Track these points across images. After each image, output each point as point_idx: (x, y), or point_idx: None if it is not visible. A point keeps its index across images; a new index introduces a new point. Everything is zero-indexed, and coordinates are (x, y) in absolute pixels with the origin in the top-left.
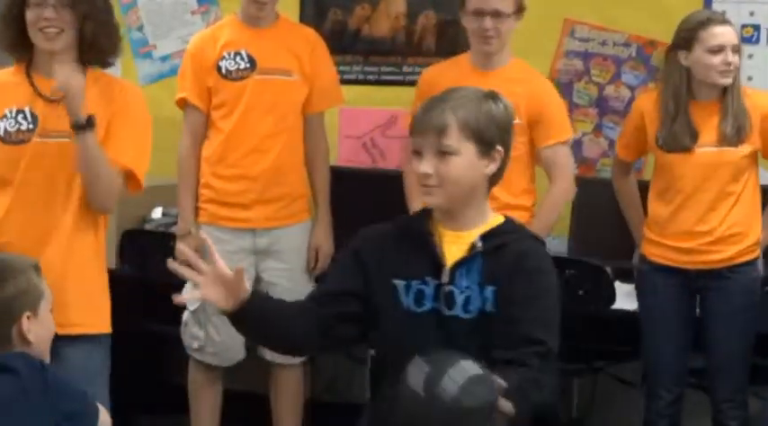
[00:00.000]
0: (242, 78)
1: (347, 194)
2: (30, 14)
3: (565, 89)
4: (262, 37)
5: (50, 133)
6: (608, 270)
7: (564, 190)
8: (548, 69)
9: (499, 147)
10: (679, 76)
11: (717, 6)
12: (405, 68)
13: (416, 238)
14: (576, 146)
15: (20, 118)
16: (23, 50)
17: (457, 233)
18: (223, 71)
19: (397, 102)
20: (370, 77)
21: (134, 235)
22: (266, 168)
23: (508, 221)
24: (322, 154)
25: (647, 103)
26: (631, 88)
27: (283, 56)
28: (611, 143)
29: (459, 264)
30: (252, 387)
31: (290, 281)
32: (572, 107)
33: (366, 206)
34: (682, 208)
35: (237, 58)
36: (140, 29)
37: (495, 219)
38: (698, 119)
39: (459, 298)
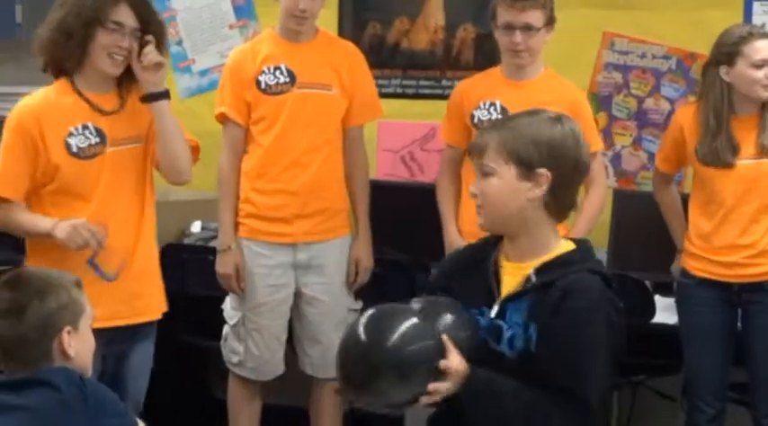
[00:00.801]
0: (281, 92)
1: (385, 208)
2: (104, 38)
3: (604, 102)
4: (301, 51)
5: (120, 142)
6: (647, 283)
7: (601, 197)
8: (587, 82)
9: (542, 170)
10: (720, 92)
11: (757, 19)
12: (443, 82)
13: (479, 266)
14: (616, 159)
15: (87, 133)
16: (76, 68)
17: (517, 264)
18: (262, 85)
19: (436, 115)
20: (409, 91)
21: (173, 248)
22: (306, 182)
23: (574, 251)
24: (361, 167)
25: (686, 117)
26: (671, 101)
27: (323, 70)
28: (651, 156)
29: (511, 298)
30: (291, 401)
31: (329, 296)
32: (611, 120)
33: (404, 219)
34: (724, 221)
35: (277, 73)
36: (179, 43)
37: (559, 249)
38: (738, 133)
39: (506, 334)
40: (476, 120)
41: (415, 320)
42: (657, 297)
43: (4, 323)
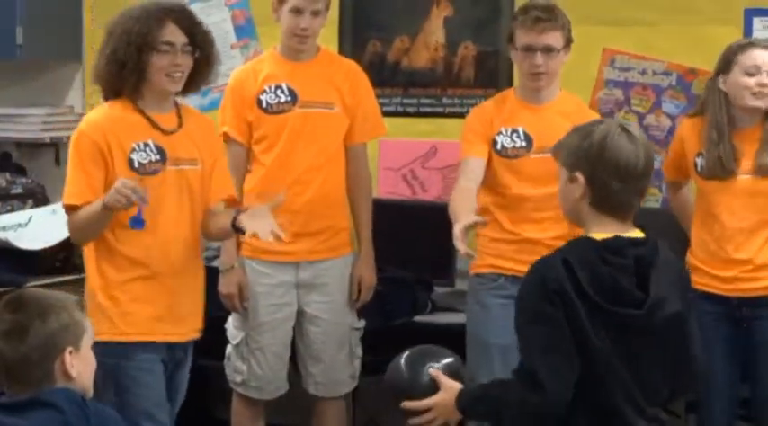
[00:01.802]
0: (283, 112)
1: (387, 226)
2: (160, 61)
3: (607, 115)
4: (302, 70)
5: (179, 162)
6: None
7: None
8: (588, 99)
9: (576, 174)
10: (719, 103)
11: (757, 35)
12: (444, 100)
13: None
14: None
15: (147, 150)
16: (134, 92)
17: None
18: (264, 105)
19: (437, 133)
20: (410, 109)
21: None
22: (308, 201)
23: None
24: (364, 185)
25: (686, 129)
26: (672, 117)
27: (324, 88)
28: (654, 172)
29: None
30: (295, 421)
31: (332, 314)
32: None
33: (406, 237)
34: (721, 235)
35: (278, 92)
36: None
37: None
38: (739, 147)
39: None
40: (499, 147)
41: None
42: None
43: (6, 345)
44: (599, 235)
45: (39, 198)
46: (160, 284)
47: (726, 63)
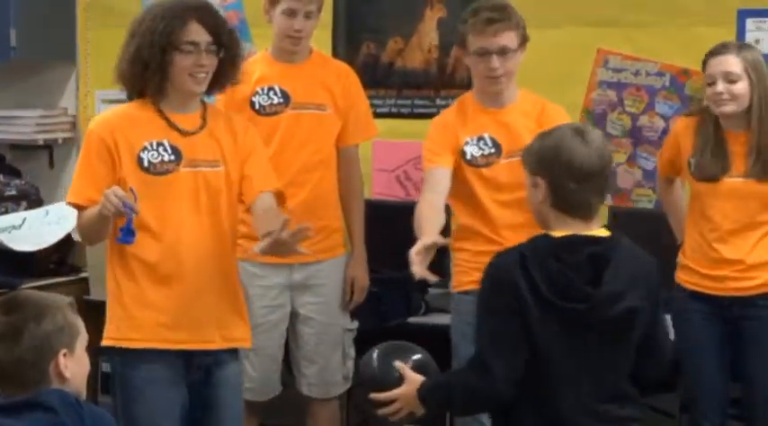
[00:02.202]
0: (276, 113)
1: (380, 227)
2: (183, 61)
3: (598, 120)
4: (295, 72)
5: (196, 163)
6: None
7: None
8: (581, 100)
9: (537, 178)
10: (707, 107)
11: (750, 35)
12: (438, 101)
13: None
14: (611, 176)
15: (160, 150)
16: (157, 93)
17: None
18: (256, 106)
19: None
20: (404, 110)
21: None
22: (301, 202)
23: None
24: (356, 187)
25: (681, 128)
26: (665, 118)
27: (317, 90)
28: (646, 173)
29: None
30: (288, 422)
31: (326, 316)
32: (606, 137)
33: (399, 238)
34: (713, 235)
35: (271, 93)
36: None
37: None
38: (731, 148)
39: None
40: (469, 157)
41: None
42: None
43: (0, 346)
44: (558, 233)
45: (33, 199)
46: (171, 289)
47: (703, 71)
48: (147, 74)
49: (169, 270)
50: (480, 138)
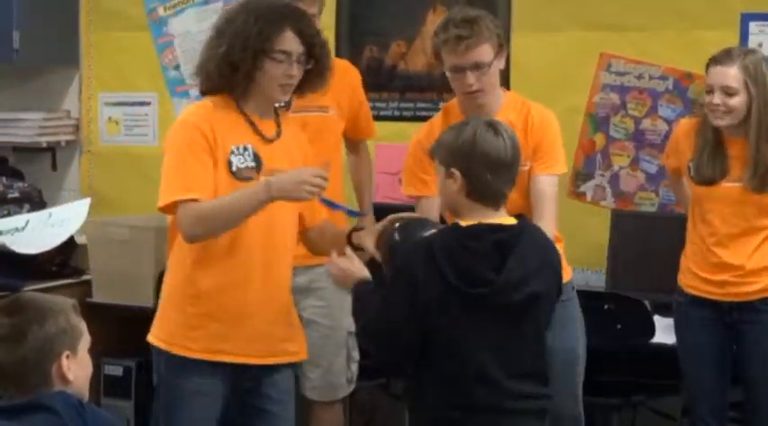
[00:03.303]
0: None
1: None
2: (275, 70)
3: (601, 123)
4: None
5: (273, 172)
6: (646, 303)
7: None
8: (584, 103)
9: (452, 170)
10: (706, 113)
11: (753, 38)
12: (440, 105)
13: None
14: (614, 179)
15: (246, 155)
16: (241, 95)
17: None
18: None
19: None
20: (406, 114)
21: None
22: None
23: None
24: (364, 163)
25: (682, 131)
26: (668, 121)
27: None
28: (649, 176)
29: None
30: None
31: (329, 319)
32: (609, 141)
33: None
34: (713, 239)
35: None
36: (177, 68)
37: None
38: (729, 153)
39: None
40: None
41: None
42: (656, 318)
43: (3, 348)
44: (466, 222)
45: (35, 202)
46: (233, 300)
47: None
48: (235, 77)
49: (235, 280)
50: None
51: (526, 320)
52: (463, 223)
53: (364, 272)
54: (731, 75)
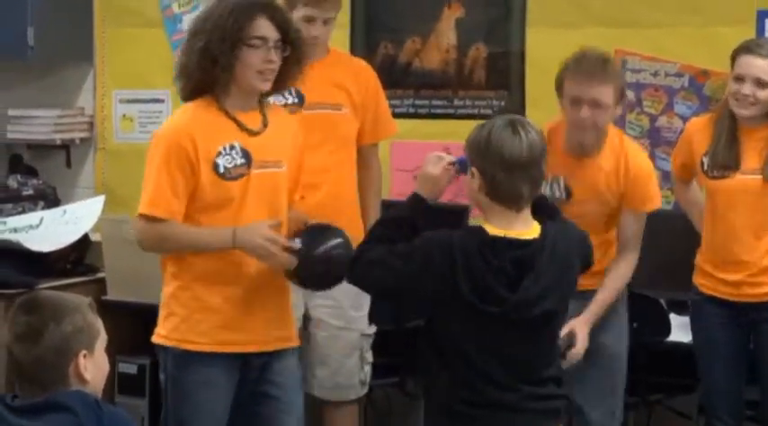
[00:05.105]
0: (291, 113)
1: None
2: (253, 57)
3: (617, 120)
4: (310, 72)
5: (264, 164)
6: (662, 302)
7: (630, 264)
8: None
9: (473, 168)
10: (724, 102)
11: None
12: (455, 101)
13: None
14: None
15: (233, 153)
16: (222, 90)
17: None
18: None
19: (449, 135)
20: (421, 111)
21: None
22: (317, 204)
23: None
24: (373, 184)
25: (695, 128)
26: (684, 118)
27: (332, 90)
28: (664, 174)
29: None
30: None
31: (338, 319)
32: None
33: None
34: (728, 234)
35: (286, 94)
36: None
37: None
38: (745, 145)
39: None
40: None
41: None
42: (672, 316)
43: (20, 347)
44: (492, 228)
45: (50, 199)
46: (232, 291)
47: (731, 62)
48: (216, 70)
49: (234, 272)
50: (555, 180)
51: (539, 333)
52: (489, 229)
53: None
54: (766, 68)
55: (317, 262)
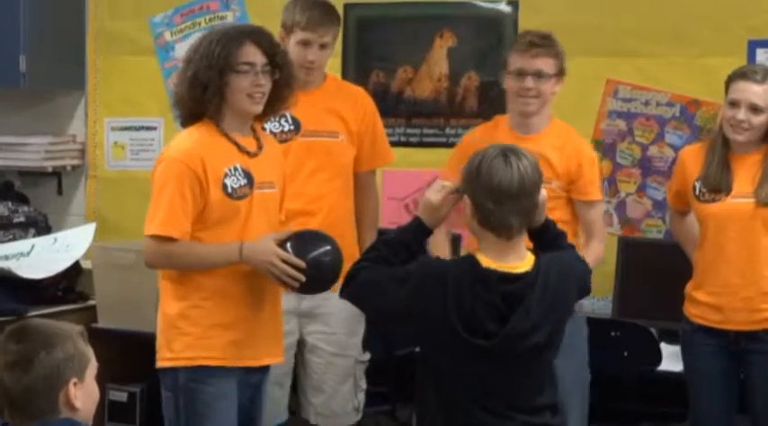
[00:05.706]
0: (286, 141)
1: None
2: (241, 82)
3: (608, 150)
4: (307, 99)
5: (262, 185)
6: (653, 331)
7: (597, 250)
8: (591, 130)
9: (465, 196)
10: (719, 126)
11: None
12: (447, 130)
13: None
14: (620, 206)
15: (237, 174)
16: (216, 115)
17: None
18: (267, 133)
19: (440, 163)
20: (413, 139)
21: None
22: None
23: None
24: (370, 212)
25: (688, 154)
26: (675, 148)
27: (328, 117)
28: (655, 203)
29: None
30: None
31: (333, 345)
32: (615, 167)
33: None
34: (717, 260)
35: (282, 121)
36: None
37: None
38: (737, 170)
39: None
40: None
41: None
42: (663, 345)
43: (11, 376)
44: (485, 259)
45: (41, 227)
46: (238, 308)
47: (725, 88)
48: (206, 96)
49: (240, 288)
50: None
51: (527, 366)
52: (482, 260)
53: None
54: (760, 93)
55: (306, 268)
